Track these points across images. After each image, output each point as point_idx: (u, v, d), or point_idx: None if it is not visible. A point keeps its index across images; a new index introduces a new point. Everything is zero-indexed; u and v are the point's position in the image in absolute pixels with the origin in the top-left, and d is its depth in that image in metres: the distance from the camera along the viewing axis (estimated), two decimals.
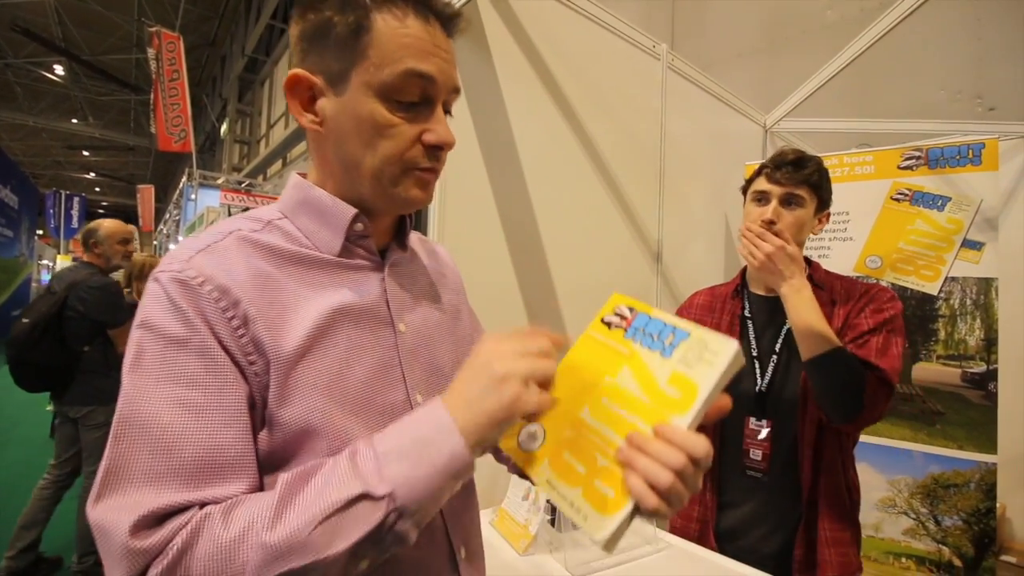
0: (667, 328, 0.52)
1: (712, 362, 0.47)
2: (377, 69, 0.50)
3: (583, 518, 0.46)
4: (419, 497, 0.40)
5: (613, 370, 0.52)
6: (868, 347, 1.03)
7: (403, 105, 0.51)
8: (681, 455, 0.43)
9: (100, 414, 2.34)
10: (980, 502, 1.69)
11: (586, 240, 1.59)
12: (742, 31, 3.47)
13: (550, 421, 0.52)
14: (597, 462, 0.48)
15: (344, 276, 0.55)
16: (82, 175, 22.55)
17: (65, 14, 11.71)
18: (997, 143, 1.73)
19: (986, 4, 2.47)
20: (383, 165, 0.52)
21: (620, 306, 0.56)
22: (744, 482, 1.14)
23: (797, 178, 1.09)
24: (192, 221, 6.72)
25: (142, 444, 0.42)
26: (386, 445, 0.42)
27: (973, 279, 1.74)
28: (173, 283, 0.46)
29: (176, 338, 0.45)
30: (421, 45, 0.51)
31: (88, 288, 2.29)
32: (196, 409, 0.43)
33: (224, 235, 0.51)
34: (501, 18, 1.36)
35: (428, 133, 0.52)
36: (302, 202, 0.56)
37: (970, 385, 1.73)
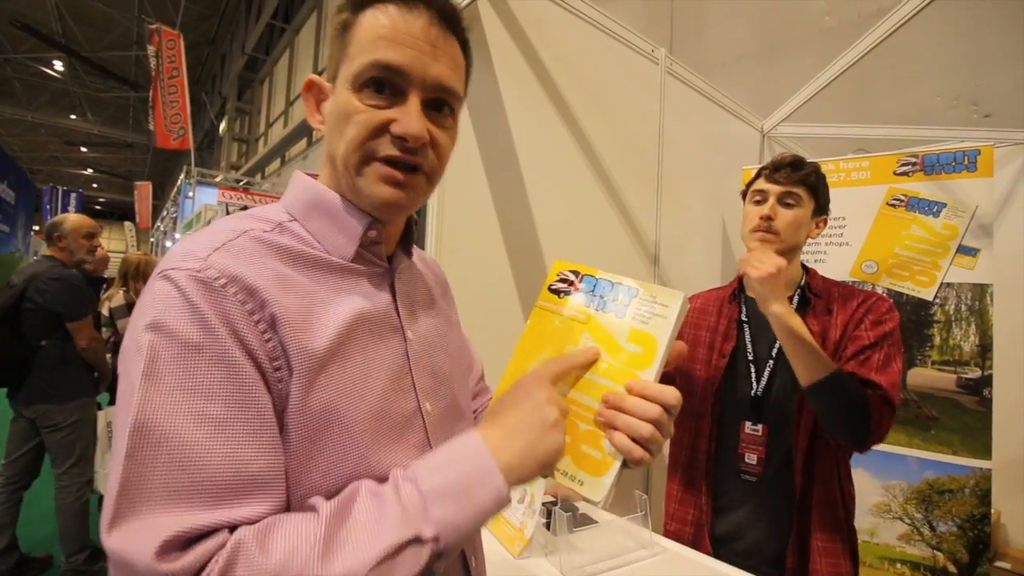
0: (616, 287, 0.54)
1: (664, 314, 0.50)
2: (351, 61, 0.50)
3: (579, 484, 0.48)
4: (461, 539, 0.40)
5: (574, 338, 0.54)
6: (869, 364, 1.04)
7: (372, 95, 0.50)
8: (655, 406, 0.47)
9: (57, 414, 2.29)
10: (975, 508, 1.69)
11: (584, 242, 1.59)
12: (740, 36, 3.49)
13: None
14: (579, 428, 0.50)
15: (356, 282, 0.53)
16: (80, 171, 22.48)
17: (65, 10, 11.68)
18: (992, 150, 1.75)
19: (982, 11, 2.48)
20: (348, 153, 0.50)
21: (564, 272, 0.58)
22: (739, 486, 1.14)
23: (795, 178, 1.11)
24: (190, 219, 6.70)
25: (160, 461, 0.38)
26: (431, 483, 0.41)
27: (968, 285, 1.75)
28: (192, 283, 0.42)
29: (195, 344, 0.40)
30: (395, 36, 0.49)
31: (48, 280, 2.23)
32: (218, 422, 0.40)
33: (238, 233, 0.48)
34: (501, 21, 1.37)
35: (394, 123, 0.49)
36: (314, 205, 0.54)
37: (965, 391, 1.74)
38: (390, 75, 0.49)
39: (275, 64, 13.40)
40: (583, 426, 0.50)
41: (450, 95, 0.53)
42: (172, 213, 9.28)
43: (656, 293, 0.52)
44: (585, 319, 0.54)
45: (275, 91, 13.57)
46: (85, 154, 20.32)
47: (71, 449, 2.34)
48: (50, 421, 2.29)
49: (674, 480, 1.26)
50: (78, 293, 2.34)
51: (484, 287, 1.32)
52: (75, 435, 2.35)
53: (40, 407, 2.27)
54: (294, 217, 0.54)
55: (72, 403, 2.34)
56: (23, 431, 2.34)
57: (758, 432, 1.13)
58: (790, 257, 1.14)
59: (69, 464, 2.35)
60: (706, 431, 1.19)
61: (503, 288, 1.37)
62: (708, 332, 1.24)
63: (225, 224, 0.50)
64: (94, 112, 16.93)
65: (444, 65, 0.52)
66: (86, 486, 2.42)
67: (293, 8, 11.79)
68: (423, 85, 0.51)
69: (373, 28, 0.50)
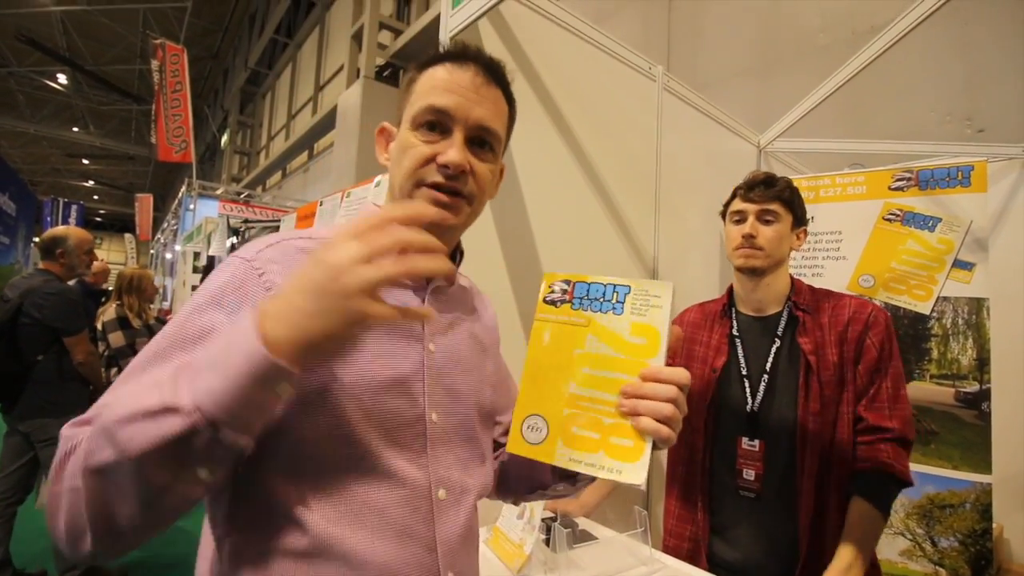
0: (608, 288, 0.57)
1: (659, 304, 0.54)
2: (411, 106, 0.62)
3: (618, 473, 0.51)
4: (226, 407, 0.39)
5: (580, 342, 0.57)
6: (880, 400, 1.06)
7: (425, 132, 0.60)
8: (671, 387, 0.52)
9: (52, 428, 2.25)
10: (976, 523, 1.69)
11: (583, 257, 1.61)
12: (737, 53, 3.54)
13: (545, 410, 0.57)
14: (604, 423, 0.53)
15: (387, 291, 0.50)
16: (81, 183, 22.58)
17: (70, 24, 11.83)
18: (986, 165, 1.77)
19: (974, 29, 2.52)
20: (403, 180, 0.61)
21: (556, 282, 0.62)
22: (737, 502, 1.14)
23: (769, 195, 1.14)
24: (190, 231, 6.72)
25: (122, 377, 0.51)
26: (196, 360, 0.43)
27: (964, 299, 1.76)
28: (242, 265, 0.54)
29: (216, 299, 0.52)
30: (446, 85, 0.60)
31: (46, 294, 2.23)
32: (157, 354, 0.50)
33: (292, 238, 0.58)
34: (501, 40, 1.39)
35: (440, 155, 0.59)
36: None
37: (963, 405, 1.74)
38: (440, 116, 0.60)
39: (278, 78, 13.54)
40: (607, 420, 0.53)
41: (490, 134, 0.62)
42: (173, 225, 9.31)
43: (647, 287, 0.56)
44: (586, 322, 0.57)
45: (277, 104, 13.69)
46: (87, 166, 20.43)
47: None
48: (45, 435, 2.26)
49: (672, 496, 1.26)
50: (75, 308, 2.34)
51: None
52: None
53: (36, 421, 2.25)
54: None
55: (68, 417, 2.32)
56: (17, 446, 2.32)
57: (755, 448, 1.13)
58: (776, 270, 1.17)
59: None
60: (700, 446, 1.19)
61: (502, 303, 1.37)
62: (701, 347, 1.25)
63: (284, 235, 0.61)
64: (96, 125, 17.06)
65: (485, 109, 0.62)
66: None
67: (296, 23, 11.95)
68: (466, 124, 0.60)
69: (431, 80, 0.62)
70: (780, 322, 1.16)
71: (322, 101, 10.47)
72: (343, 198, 2.35)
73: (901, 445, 1.05)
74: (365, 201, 2.06)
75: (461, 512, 0.60)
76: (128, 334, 2.91)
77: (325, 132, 9.36)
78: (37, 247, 2.42)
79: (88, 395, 2.47)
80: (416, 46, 7.00)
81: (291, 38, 12.20)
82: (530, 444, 0.56)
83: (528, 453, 0.56)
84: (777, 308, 1.18)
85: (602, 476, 0.52)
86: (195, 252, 6.39)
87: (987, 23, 2.49)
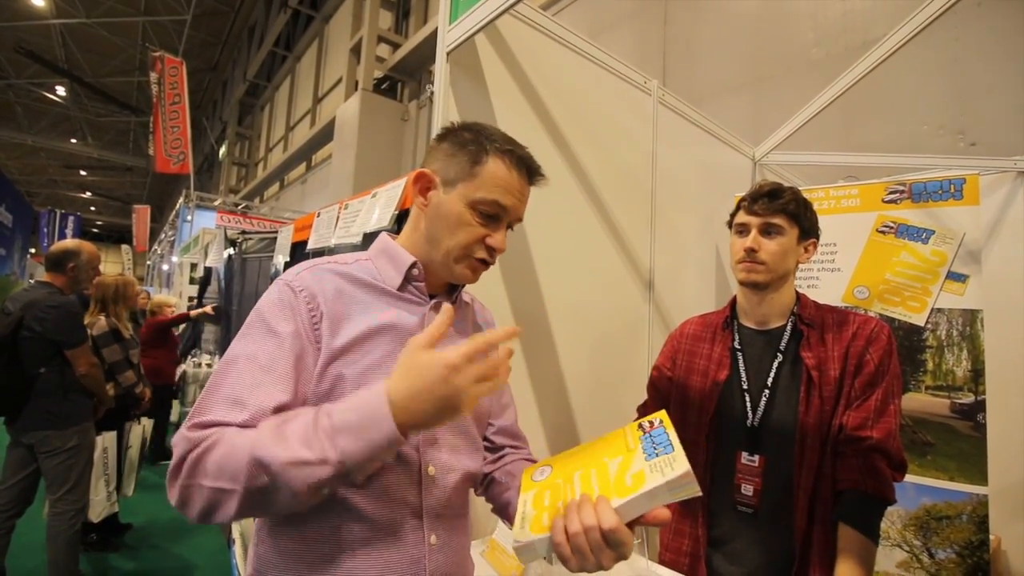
0: (666, 441, 0.64)
1: (664, 472, 0.58)
2: (476, 190, 0.75)
3: (519, 526, 0.62)
4: (360, 465, 0.57)
5: (614, 455, 0.66)
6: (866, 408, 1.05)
7: (481, 216, 0.75)
8: (594, 519, 0.57)
9: (56, 439, 2.28)
10: (973, 534, 1.68)
11: (580, 269, 1.61)
12: (732, 67, 3.58)
13: (559, 467, 0.71)
14: (557, 504, 0.62)
15: (396, 303, 0.77)
16: (78, 194, 22.57)
17: (69, 37, 11.91)
18: (978, 178, 1.79)
19: (965, 44, 2.57)
20: (453, 247, 0.76)
21: (655, 419, 0.70)
22: (735, 517, 1.13)
23: (773, 207, 1.12)
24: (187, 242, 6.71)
25: (215, 382, 0.65)
26: (341, 419, 0.57)
27: (959, 311, 1.77)
28: (286, 289, 0.72)
29: (272, 328, 0.68)
30: (508, 187, 0.76)
31: (47, 307, 2.24)
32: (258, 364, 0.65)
33: (324, 263, 0.77)
34: (497, 54, 1.41)
35: (490, 238, 0.76)
36: (382, 251, 0.81)
37: (959, 416, 1.74)
38: (498, 211, 0.76)
39: (276, 90, 13.63)
40: (561, 504, 0.61)
41: (519, 222, 0.81)
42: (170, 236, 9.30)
43: (678, 457, 0.59)
44: (632, 449, 0.65)
45: (275, 116, 13.76)
46: (84, 177, 20.44)
47: (67, 475, 2.33)
48: (48, 446, 2.27)
49: (670, 509, 1.24)
50: (76, 320, 2.35)
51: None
52: (72, 460, 2.34)
53: (40, 433, 2.26)
54: (370, 258, 0.81)
55: (72, 428, 2.34)
56: (20, 458, 2.31)
57: (754, 463, 1.12)
58: (780, 285, 1.16)
59: (64, 490, 2.32)
60: (700, 460, 1.17)
61: (499, 314, 1.37)
62: (702, 359, 1.24)
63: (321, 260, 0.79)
64: (94, 136, 17.11)
65: (524, 206, 0.81)
66: (79, 514, 2.38)
67: (295, 36, 12.05)
68: (511, 219, 0.79)
69: (497, 175, 0.75)
70: (784, 336, 1.14)
71: (320, 113, 10.54)
72: (341, 209, 2.36)
73: (881, 458, 1.02)
74: (359, 213, 2.06)
75: (448, 487, 0.75)
76: (122, 347, 2.88)
77: (323, 144, 9.42)
78: (44, 259, 2.42)
79: (91, 406, 2.47)
80: (414, 59, 7.07)
81: (290, 51, 12.31)
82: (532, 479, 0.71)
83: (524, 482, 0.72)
84: (781, 322, 1.16)
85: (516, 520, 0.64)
86: (192, 263, 6.38)
87: (978, 39, 2.54)
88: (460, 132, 0.78)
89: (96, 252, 2.53)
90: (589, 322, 1.64)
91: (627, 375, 1.75)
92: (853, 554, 0.98)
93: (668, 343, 1.36)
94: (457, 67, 1.29)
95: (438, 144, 0.79)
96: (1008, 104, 2.42)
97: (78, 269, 2.40)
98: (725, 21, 3.66)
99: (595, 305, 1.65)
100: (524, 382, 1.42)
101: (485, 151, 0.75)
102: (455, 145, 0.77)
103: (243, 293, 4.37)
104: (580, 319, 1.59)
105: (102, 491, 2.74)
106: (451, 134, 0.79)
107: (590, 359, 1.63)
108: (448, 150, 0.77)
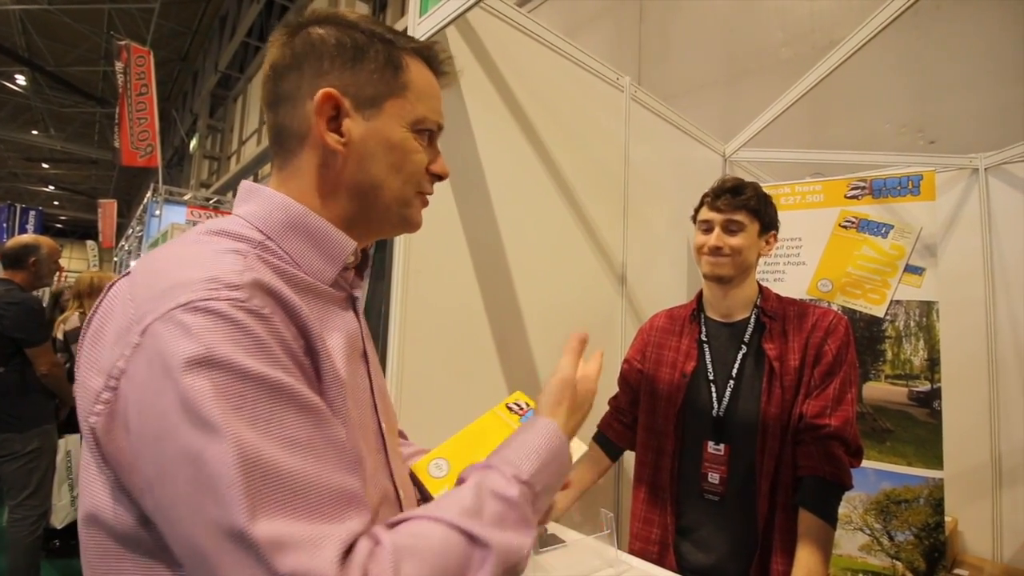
0: None
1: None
2: (413, 106, 0.56)
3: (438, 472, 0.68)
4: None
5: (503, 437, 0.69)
6: (824, 397, 1.08)
7: (423, 138, 0.58)
8: None
9: (15, 442, 2.21)
10: (929, 517, 1.76)
11: (553, 263, 1.62)
12: (705, 64, 3.64)
13: (455, 458, 0.72)
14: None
15: (335, 308, 0.55)
16: (40, 188, 21.72)
17: (30, 24, 11.42)
18: (934, 175, 1.86)
19: (925, 45, 2.66)
20: (404, 187, 0.57)
21: (520, 400, 0.80)
22: (702, 505, 1.16)
23: (735, 204, 1.15)
24: (155, 237, 6.53)
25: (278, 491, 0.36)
26: (538, 480, 0.51)
27: (916, 302, 1.84)
28: (244, 313, 0.40)
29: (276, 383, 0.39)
30: (438, 95, 0.60)
31: (6, 304, 2.17)
32: (310, 446, 0.39)
33: (244, 254, 0.46)
34: (470, 48, 1.41)
35: (434, 164, 0.60)
36: (292, 226, 0.52)
37: (916, 403, 1.82)
38: (436, 128, 0.60)
39: (249, 82, 13.31)
40: None
41: None
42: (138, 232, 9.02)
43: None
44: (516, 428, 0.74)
45: (249, 109, 13.45)
46: (46, 171, 19.67)
47: (28, 479, 2.25)
48: (8, 450, 2.19)
49: (638, 499, 1.27)
50: (37, 317, 2.28)
51: (452, 309, 1.33)
52: (33, 464, 2.26)
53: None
54: (267, 235, 0.51)
55: (33, 431, 2.26)
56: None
57: (720, 452, 1.15)
58: (744, 278, 1.19)
59: (25, 495, 2.24)
60: (669, 450, 1.20)
61: (471, 309, 1.38)
62: (671, 351, 1.27)
63: (211, 242, 0.47)
64: (57, 128, 16.45)
65: None
66: (40, 519, 2.31)
67: (269, 26, 11.78)
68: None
69: (429, 83, 0.59)
70: (748, 328, 1.18)
71: None
72: None
73: (839, 445, 1.06)
74: None
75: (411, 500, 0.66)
76: None
77: None
78: (2, 256, 2.34)
79: (53, 408, 2.39)
80: None
81: (264, 41, 12.02)
82: (431, 476, 0.70)
83: (426, 482, 0.69)
84: (745, 314, 1.20)
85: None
86: None
87: (937, 41, 2.62)
88: (330, 30, 0.54)
89: (55, 246, 2.46)
90: (562, 316, 1.65)
91: None
92: (812, 538, 1.02)
93: (638, 336, 1.38)
94: None
95: (309, 51, 0.54)
96: (966, 104, 2.52)
97: (39, 264, 2.34)
98: (698, 20, 3.71)
99: (568, 299, 1.67)
100: (496, 376, 1.43)
101: (399, 52, 0.56)
102: (347, 50, 0.54)
103: None
104: (553, 313, 1.60)
105: (65, 496, 2.66)
106: (320, 36, 0.54)
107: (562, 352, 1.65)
108: (339, 58, 0.53)
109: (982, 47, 2.49)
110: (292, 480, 0.37)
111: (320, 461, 0.39)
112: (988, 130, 2.40)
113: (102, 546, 0.42)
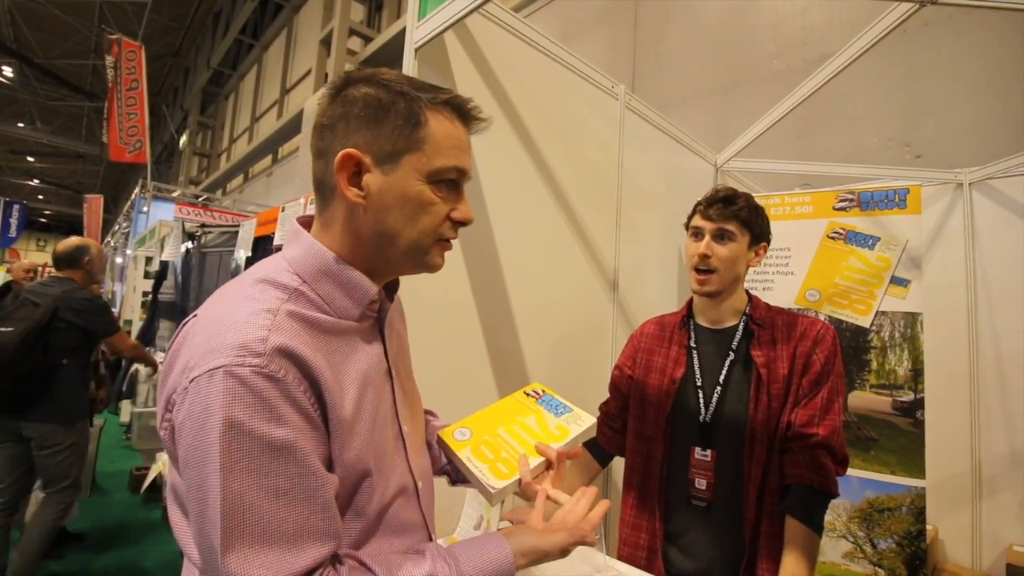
0: (561, 404, 0.91)
1: (579, 423, 0.87)
2: (429, 159, 0.60)
3: (483, 475, 0.75)
4: None
5: (524, 415, 0.88)
6: (812, 405, 1.09)
7: (444, 189, 0.62)
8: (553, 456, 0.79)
9: (59, 435, 2.32)
10: (911, 525, 1.78)
11: (545, 269, 1.63)
12: (698, 75, 3.68)
13: (477, 428, 0.84)
14: (501, 455, 0.80)
15: (358, 340, 0.63)
16: (25, 181, 21.37)
17: (19, 15, 11.25)
18: (920, 189, 1.90)
19: (913, 62, 2.72)
20: (420, 237, 0.62)
21: (538, 388, 0.94)
22: (689, 511, 1.17)
23: (727, 214, 1.16)
24: (143, 234, 6.45)
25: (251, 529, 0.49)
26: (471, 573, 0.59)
27: (901, 313, 1.87)
28: (261, 379, 0.50)
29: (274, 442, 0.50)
30: (460, 144, 0.63)
31: (83, 300, 2.39)
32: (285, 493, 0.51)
33: (274, 312, 0.54)
34: (467, 54, 1.41)
35: (456, 211, 0.63)
36: (325, 272, 0.61)
37: (900, 413, 1.85)
38: (460, 177, 0.63)
39: (241, 79, 13.24)
40: (504, 454, 0.80)
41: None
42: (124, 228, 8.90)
43: (580, 414, 0.89)
44: (536, 411, 0.89)
45: (240, 106, 13.36)
46: (32, 164, 19.37)
47: (68, 471, 2.37)
48: (52, 440, 2.30)
49: (627, 505, 1.28)
50: (109, 311, 2.53)
51: (445, 314, 1.33)
52: (73, 458, 2.39)
53: (46, 426, 2.29)
54: (304, 279, 0.60)
55: (77, 425, 2.40)
56: (14, 456, 2.31)
57: (707, 458, 1.16)
58: (732, 289, 1.21)
59: (64, 485, 2.36)
60: (657, 455, 1.21)
61: (465, 313, 1.38)
62: (660, 358, 1.28)
63: (256, 295, 0.57)
64: (44, 121, 16.21)
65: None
66: (70, 506, 2.43)
67: (262, 24, 11.72)
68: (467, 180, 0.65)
69: (448, 135, 0.61)
70: (736, 335, 1.19)
71: (288, 105, 10.29)
72: (306, 203, 2.32)
73: (826, 454, 1.06)
74: None
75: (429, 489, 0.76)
76: None
77: (291, 136, 9.19)
78: (56, 257, 2.53)
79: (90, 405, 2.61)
80: (386, 54, 6.99)
81: (257, 39, 11.96)
82: (455, 439, 0.82)
83: (450, 443, 0.81)
84: (734, 321, 1.21)
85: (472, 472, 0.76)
86: (147, 256, 6.12)
87: (926, 59, 2.69)
88: (363, 90, 0.60)
89: (100, 245, 2.68)
90: (554, 321, 1.66)
91: (590, 374, 1.78)
92: (798, 546, 1.03)
93: (629, 343, 1.39)
94: (425, 64, 1.29)
95: (341, 111, 0.60)
96: (952, 120, 2.58)
97: (92, 263, 2.52)
98: (692, 30, 3.76)
99: (560, 305, 1.68)
100: (487, 381, 1.43)
101: (419, 107, 0.60)
102: (371, 109, 0.59)
103: (201, 288, 4.23)
104: (545, 318, 1.61)
105: None
106: (353, 96, 0.60)
107: (554, 358, 1.66)
108: (364, 117, 0.59)
109: (968, 66, 2.55)
110: (266, 520, 0.49)
111: (294, 505, 0.50)
112: (973, 146, 2.45)
113: (175, 508, 0.58)
